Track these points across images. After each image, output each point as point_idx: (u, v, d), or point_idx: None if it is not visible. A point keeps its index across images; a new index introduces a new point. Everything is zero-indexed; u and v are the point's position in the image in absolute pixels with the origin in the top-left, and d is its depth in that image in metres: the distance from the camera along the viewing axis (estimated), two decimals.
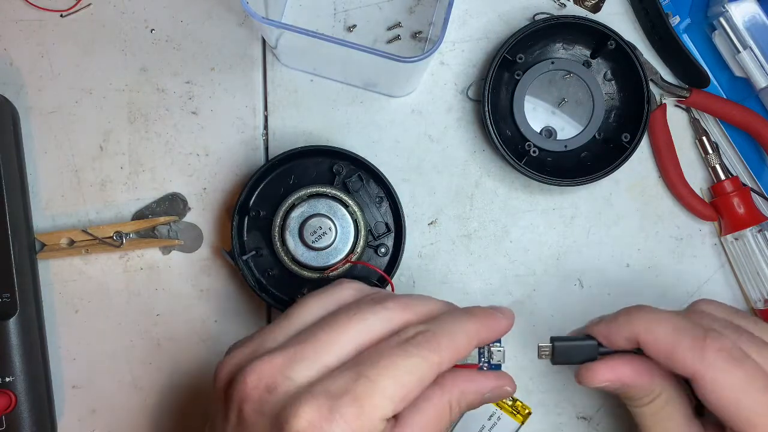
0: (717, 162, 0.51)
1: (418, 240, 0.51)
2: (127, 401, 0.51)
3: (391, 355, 0.33)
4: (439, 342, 0.33)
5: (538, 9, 0.52)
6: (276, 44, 0.47)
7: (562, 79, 0.51)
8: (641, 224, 0.52)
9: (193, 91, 0.52)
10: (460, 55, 0.52)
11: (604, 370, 0.36)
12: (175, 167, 0.52)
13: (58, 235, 0.50)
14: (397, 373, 0.32)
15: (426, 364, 0.33)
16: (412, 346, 0.33)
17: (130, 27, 0.52)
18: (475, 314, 0.36)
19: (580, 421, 0.51)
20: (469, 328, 0.35)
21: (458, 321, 0.35)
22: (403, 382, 0.32)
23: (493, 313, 0.37)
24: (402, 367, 0.32)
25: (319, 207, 0.47)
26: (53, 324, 0.51)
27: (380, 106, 0.52)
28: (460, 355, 0.34)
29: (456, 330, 0.34)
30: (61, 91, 0.52)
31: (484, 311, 0.37)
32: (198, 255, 0.51)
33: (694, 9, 0.51)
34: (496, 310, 0.37)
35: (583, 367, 0.37)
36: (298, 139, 0.52)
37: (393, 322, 0.35)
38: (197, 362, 0.51)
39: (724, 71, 0.51)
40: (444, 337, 0.34)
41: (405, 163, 0.52)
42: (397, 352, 0.33)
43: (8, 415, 0.46)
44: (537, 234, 0.52)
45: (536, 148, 0.50)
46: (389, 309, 0.35)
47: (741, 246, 0.50)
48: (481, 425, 0.49)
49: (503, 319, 0.37)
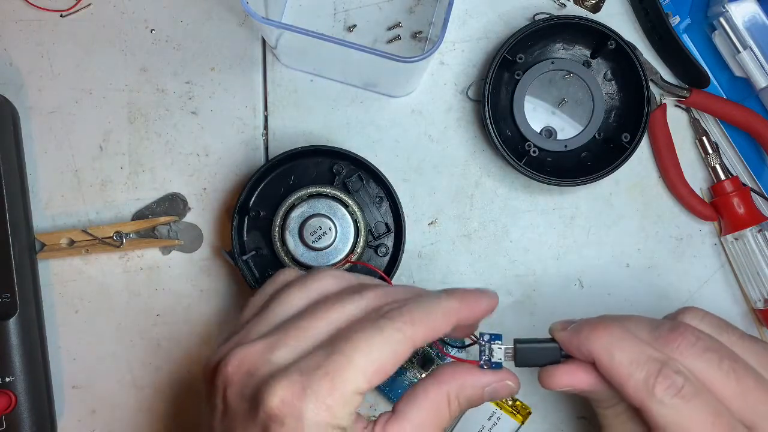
0: (717, 162, 0.51)
1: (418, 240, 0.51)
2: (127, 401, 0.51)
3: (364, 330, 0.33)
4: (412, 315, 0.34)
5: (538, 9, 0.52)
6: (276, 44, 0.47)
7: (562, 79, 0.51)
8: (641, 224, 0.52)
9: (193, 91, 0.52)
10: (460, 55, 0.52)
11: (564, 376, 0.36)
12: (175, 167, 0.52)
13: (58, 235, 0.50)
14: (370, 347, 0.32)
15: (399, 335, 0.33)
16: (384, 320, 0.33)
17: (130, 27, 0.52)
18: (454, 293, 0.36)
19: (580, 421, 0.51)
20: (446, 304, 0.35)
21: (435, 298, 0.35)
22: (376, 356, 0.32)
23: (475, 292, 0.37)
24: (374, 340, 0.32)
25: (319, 207, 0.47)
26: (53, 324, 0.51)
27: (380, 106, 0.52)
28: (437, 332, 0.34)
29: (432, 306, 0.35)
30: (61, 91, 0.52)
31: (464, 290, 0.37)
32: (198, 255, 0.51)
33: (694, 9, 0.51)
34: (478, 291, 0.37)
35: (543, 370, 0.37)
36: (298, 139, 0.52)
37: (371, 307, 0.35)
38: (197, 362, 0.51)
39: (724, 71, 0.51)
40: (418, 311, 0.34)
41: (405, 163, 0.52)
42: (370, 326, 0.33)
43: (8, 415, 0.46)
44: (537, 234, 0.52)
45: (536, 148, 0.50)
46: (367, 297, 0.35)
47: (741, 246, 0.50)
48: (481, 425, 0.49)
49: (485, 297, 0.37)
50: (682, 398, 0.33)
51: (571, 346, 0.36)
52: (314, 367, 0.32)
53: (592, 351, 0.35)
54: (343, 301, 0.35)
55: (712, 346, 0.34)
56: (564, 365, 0.36)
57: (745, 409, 0.33)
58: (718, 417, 0.33)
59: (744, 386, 0.34)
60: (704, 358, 0.34)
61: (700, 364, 0.34)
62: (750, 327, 0.51)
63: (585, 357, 0.35)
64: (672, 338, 0.35)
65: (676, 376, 0.33)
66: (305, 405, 0.31)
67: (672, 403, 0.33)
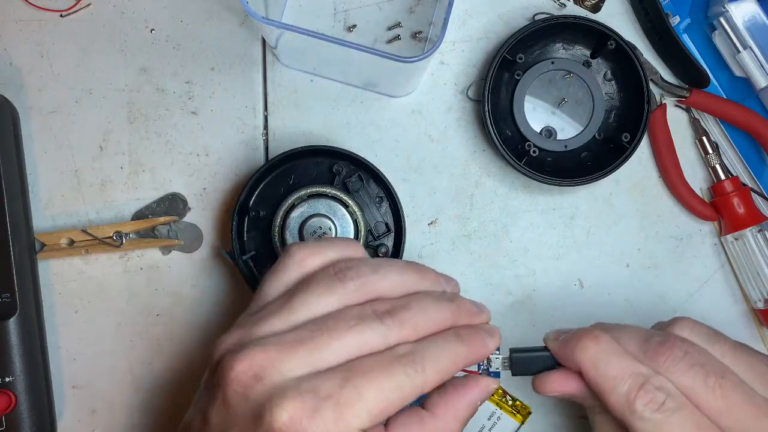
0: (717, 162, 0.51)
1: (418, 240, 0.51)
2: (127, 401, 0.51)
3: (379, 370, 0.34)
4: (425, 364, 0.35)
5: (538, 9, 0.52)
6: (276, 44, 0.47)
7: (562, 79, 0.51)
8: (641, 224, 0.52)
9: (193, 91, 0.52)
10: (460, 55, 0.52)
11: (557, 382, 0.38)
12: (175, 167, 0.52)
13: (58, 235, 0.50)
14: (382, 387, 0.33)
15: (410, 383, 0.34)
16: (399, 364, 0.34)
17: (130, 27, 0.52)
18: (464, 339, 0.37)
19: (580, 421, 0.51)
20: (456, 352, 0.36)
21: (448, 344, 0.37)
22: (385, 397, 0.33)
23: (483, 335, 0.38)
24: (387, 382, 0.33)
25: (319, 207, 0.47)
26: (53, 324, 0.51)
27: (380, 106, 0.52)
28: (444, 378, 0.36)
29: (443, 354, 0.36)
30: (61, 91, 0.52)
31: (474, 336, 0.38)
32: (198, 255, 0.51)
33: (694, 9, 0.51)
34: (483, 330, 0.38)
35: (537, 376, 0.39)
36: (298, 139, 0.52)
37: (388, 339, 0.36)
38: (197, 363, 0.51)
39: (724, 71, 0.51)
40: (430, 360, 0.35)
41: (405, 163, 0.52)
42: (385, 367, 0.34)
43: (8, 415, 0.46)
44: (537, 234, 0.52)
45: (536, 148, 0.50)
46: (387, 326, 0.36)
47: (741, 246, 0.50)
48: (481, 425, 0.49)
49: (491, 342, 0.38)
50: (663, 413, 0.34)
51: (561, 356, 0.38)
52: (327, 394, 0.33)
53: (579, 363, 0.36)
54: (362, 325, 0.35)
55: (699, 361, 0.35)
56: (558, 371, 0.38)
57: (733, 425, 0.34)
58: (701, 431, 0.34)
59: (730, 402, 0.34)
60: (690, 374, 0.35)
61: (686, 379, 0.35)
62: (750, 327, 0.51)
63: (574, 367, 0.37)
64: (661, 352, 0.35)
65: (657, 392, 0.34)
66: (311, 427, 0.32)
67: (652, 418, 0.34)
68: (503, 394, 0.50)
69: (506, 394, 0.50)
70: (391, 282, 0.38)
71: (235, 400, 0.34)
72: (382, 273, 0.38)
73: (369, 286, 0.38)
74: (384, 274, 0.38)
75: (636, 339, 0.37)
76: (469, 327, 0.38)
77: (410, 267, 0.39)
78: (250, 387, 0.34)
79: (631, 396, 0.34)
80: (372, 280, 0.38)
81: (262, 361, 0.34)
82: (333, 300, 0.37)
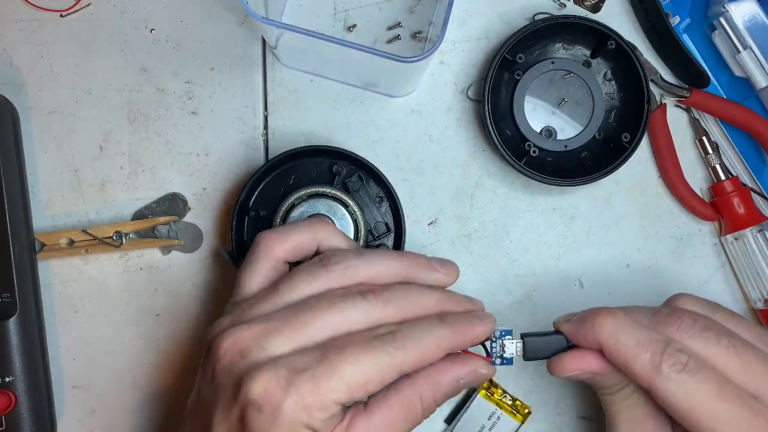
0: (717, 162, 0.51)
1: (418, 240, 0.51)
2: (127, 401, 0.51)
3: (357, 345, 0.35)
4: (405, 342, 0.35)
5: (538, 9, 0.52)
6: (276, 44, 0.47)
7: (562, 79, 0.51)
8: (641, 224, 0.52)
9: (193, 91, 0.52)
10: (460, 55, 0.52)
11: (574, 361, 0.38)
12: (175, 167, 0.52)
13: (58, 235, 0.50)
14: (359, 363, 0.34)
15: (388, 360, 0.35)
16: (378, 341, 0.35)
17: (130, 27, 0.52)
18: (449, 321, 0.38)
19: (580, 421, 0.51)
20: (439, 333, 0.37)
21: (431, 326, 0.37)
22: (362, 372, 0.34)
23: (471, 320, 0.38)
24: (364, 358, 0.34)
25: (319, 207, 0.47)
26: (53, 324, 0.51)
27: (380, 106, 0.52)
28: (428, 359, 0.36)
29: (426, 335, 0.36)
30: (61, 91, 0.52)
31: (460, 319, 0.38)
32: (198, 255, 0.51)
33: (694, 9, 0.51)
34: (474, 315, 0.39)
35: (552, 359, 0.39)
36: (298, 139, 0.52)
37: (372, 317, 0.36)
38: (197, 363, 0.51)
39: (724, 71, 0.51)
40: (411, 340, 0.36)
41: (405, 163, 0.52)
42: (364, 344, 0.35)
43: (8, 415, 0.46)
44: (537, 234, 0.52)
45: (536, 148, 0.50)
46: (370, 303, 0.37)
47: (741, 246, 0.50)
48: (481, 425, 0.49)
49: (480, 325, 0.38)
50: (688, 372, 0.35)
51: (577, 336, 0.38)
52: (303, 368, 0.34)
53: (599, 337, 0.37)
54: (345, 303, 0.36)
55: (709, 325, 0.37)
56: (573, 351, 0.38)
57: (749, 380, 0.35)
58: (724, 387, 0.35)
59: (744, 359, 0.35)
60: (703, 337, 0.36)
61: (700, 342, 0.36)
62: None
63: (592, 344, 0.37)
64: (671, 321, 0.37)
65: (680, 354, 0.35)
66: (285, 399, 0.33)
67: (678, 378, 0.35)
68: (503, 393, 0.50)
69: (506, 393, 0.50)
70: (377, 268, 0.39)
71: (221, 375, 0.36)
72: (366, 259, 0.39)
73: (353, 270, 0.38)
74: (368, 260, 0.39)
75: (645, 314, 0.38)
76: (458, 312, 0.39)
77: (397, 254, 0.40)
78: (234, 362, 0.35)
79: (656, 360, 0.35)
80: (356, 264, 0.39)
81: (247, 338, 0.35)
82: (318, 284, 0.38)
